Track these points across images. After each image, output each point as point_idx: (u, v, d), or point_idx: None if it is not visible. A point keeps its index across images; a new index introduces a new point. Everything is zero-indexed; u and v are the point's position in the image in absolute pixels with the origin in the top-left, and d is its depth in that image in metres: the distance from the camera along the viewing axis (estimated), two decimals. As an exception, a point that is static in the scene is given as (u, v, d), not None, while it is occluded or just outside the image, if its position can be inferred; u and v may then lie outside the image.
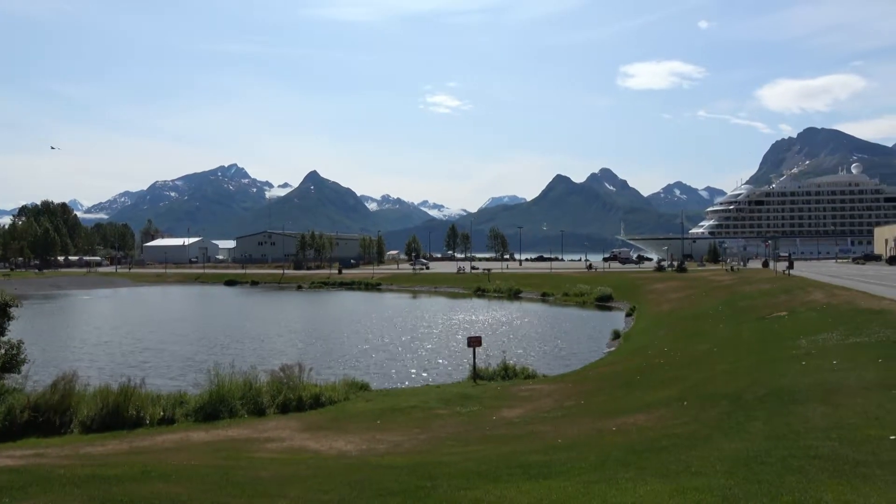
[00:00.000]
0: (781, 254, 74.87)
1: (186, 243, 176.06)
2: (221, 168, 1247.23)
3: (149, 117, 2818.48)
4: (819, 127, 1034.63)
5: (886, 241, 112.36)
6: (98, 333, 40.39)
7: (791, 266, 59.98)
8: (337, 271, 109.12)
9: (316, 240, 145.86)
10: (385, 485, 7.18)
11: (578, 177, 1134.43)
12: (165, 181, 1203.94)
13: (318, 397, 18.11)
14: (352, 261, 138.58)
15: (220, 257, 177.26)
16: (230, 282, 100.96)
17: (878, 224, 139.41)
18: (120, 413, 15.50)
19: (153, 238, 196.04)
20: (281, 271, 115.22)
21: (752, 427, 9.15)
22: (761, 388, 12.49)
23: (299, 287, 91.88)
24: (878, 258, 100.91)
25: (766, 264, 76.92)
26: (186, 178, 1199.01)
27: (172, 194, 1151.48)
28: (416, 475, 7.76)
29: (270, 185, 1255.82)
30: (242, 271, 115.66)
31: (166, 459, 10.32)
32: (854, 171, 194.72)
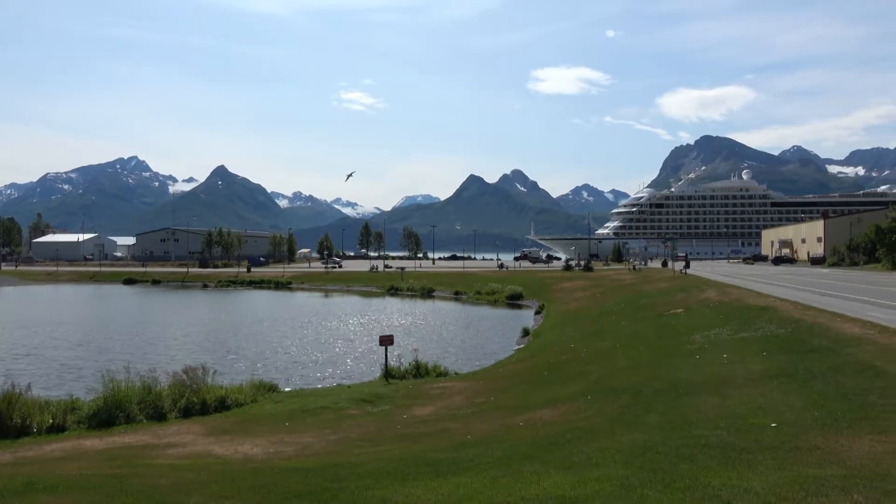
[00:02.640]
0: (679, 254, 79.05)
1: (81, 239, 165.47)
2: (120, 160, 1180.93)
3: (30, 102, 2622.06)
4: (714, 135, 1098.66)
5: (772, 242, 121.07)
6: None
7: (688, 266, 63.46)
8: (245, 270, 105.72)
9: (223, 237, 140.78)
10: (291, 488, 7.03)
11: (491, 177, 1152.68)
12: (58, 173, 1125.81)
13: (223, 400, 17.50)
14: (261, 259, 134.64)
15: (119, 255, 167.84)
16: (129, 280, 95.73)
17: (765, 227, 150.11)
18: (2, 421, 14.38)
19: (43, 233, 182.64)
20: (185, 270, 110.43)
21: (650, 419, 9.61)
22: (659, 381, 13.14)
23: (205, 286, 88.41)
24: (765, 258, 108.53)
25: (665, 264, 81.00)
26: (81, 171, 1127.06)
27: (66, 187, 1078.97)
28: (323, 477, 7.64)
29: (174, 180, 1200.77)
30: (143, 269, 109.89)
31: (55, 470, 9.67)
32: (745, 177, 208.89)
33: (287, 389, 21.21)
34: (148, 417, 16.13)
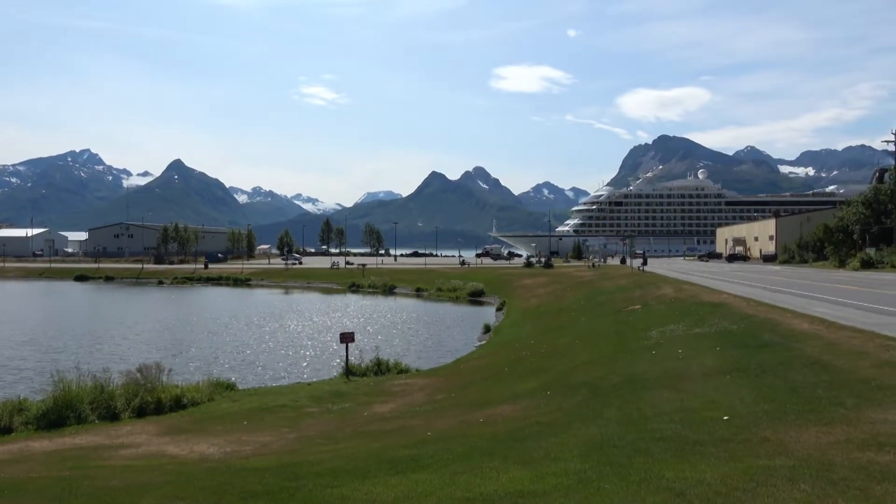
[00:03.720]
0: (637, 251, 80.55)
1: (30, 234, 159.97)
2: (72, 153, 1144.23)
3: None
4: (672, 135, 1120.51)
5: (726, 240, 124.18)
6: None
7: (645, 263, 64.70)
8: (203, 266, 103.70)
9: (180, 232, 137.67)
10: (248, 487, 6.92)
11: (453, 174, 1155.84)
12: (5, 165, 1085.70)
13: (179, 399, 17.14)
14: (219, 255, 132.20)
15: (70, 251, 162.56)
16: (81, 277, 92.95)
17: (719, 225, 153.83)
18: (-56, 424, 13.84)
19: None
20: (140, 266, 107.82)
21: (607, 413, 9.76)
22: (616, 376, 13.36)
23: (160, 283, 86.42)
24: (719, 256, 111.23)
25: (623, 261, 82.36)
26: (30, 164, 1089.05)
27: (13, 180, 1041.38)
28: (281, 476, 7.55)
29: (129, 174, 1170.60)
30: (95, 266, 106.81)
31: (0, 473, 9.34)
32: (700, 176, 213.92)
33: (245, 388, 20.90)
34: (100, 418, 15.70)
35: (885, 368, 10.10)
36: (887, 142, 58.41)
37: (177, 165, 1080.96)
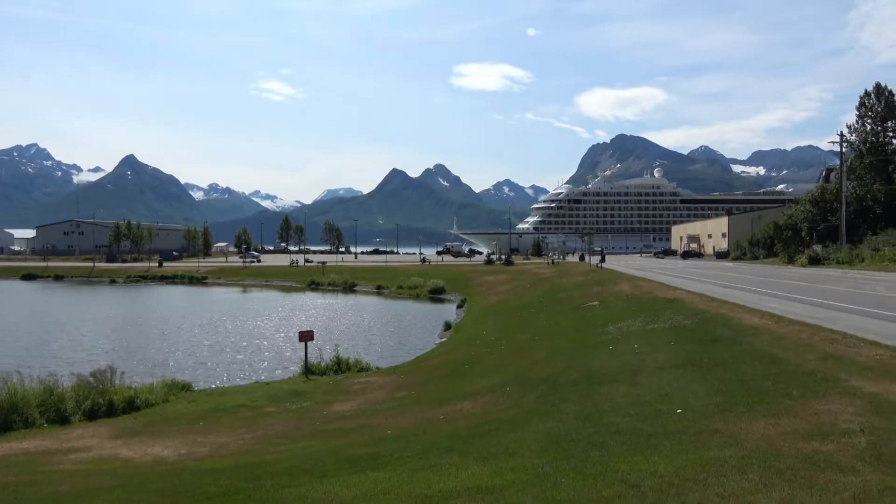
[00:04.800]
0: (595, 248, 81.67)
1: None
2: (18, 148, 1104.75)
3: None
4: (629, 134, 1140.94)
5: (681, 238, 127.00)
6: None
7: (603, 260, 65.71)
8: (157, 264, 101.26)
9: (133, 230, 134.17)
10: (203, 489, 6.80)
11: (414, 171, 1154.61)
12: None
13: (132, 401, 16.72)
14: (174, 253, 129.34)
15: (17, 248, 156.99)
16: (28, 276, 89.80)
17: (675, 223, 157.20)
18: None
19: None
20: (91, 264, 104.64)
21: (565, 408, 9.89)
22: (575, 372, 13.54)
23: (113, 281, 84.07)
24: (674, 253, 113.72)
25: (582, 258, 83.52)
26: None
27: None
28: (238, 477, 7.44)
29: (79, 169, 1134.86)
30: (44, 264, 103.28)
31: (-60, 480, 8.95)
32: (657, 175, 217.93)
33: (202, 388, 20.52)
34: (49, 421, 15.23)
35: (829, 361, 10.48)
36: (833, 142, 60.50)
37: (130, 161, 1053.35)
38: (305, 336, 22.46)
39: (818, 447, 6.24)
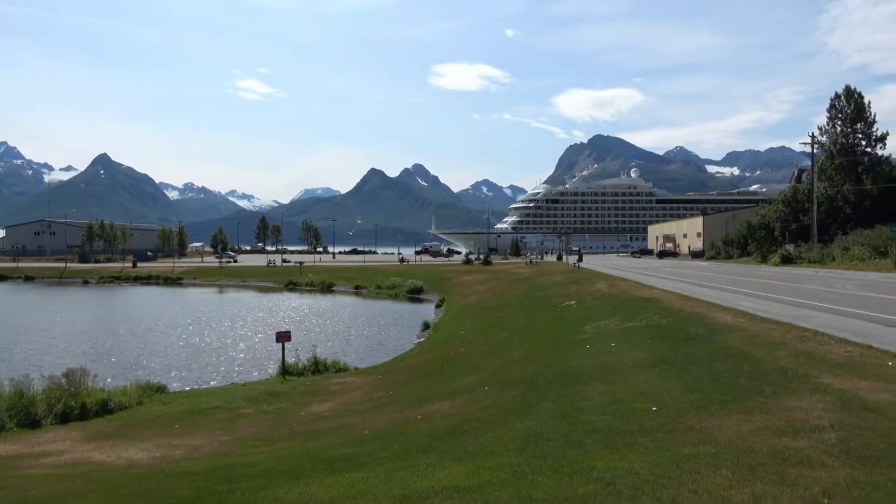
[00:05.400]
0: (573, 248, 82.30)
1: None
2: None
3: None
4: (606, 134, 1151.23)
5: (657, 237, 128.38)
6: None
7: (580, 259, 66.20)
8: (131, 265, 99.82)
9: (106, 230, 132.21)
10: (177, 493, 6.72)
11: (392, 171, 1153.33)
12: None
13: (105, 403, 16.47)
14: (149, 253, 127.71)
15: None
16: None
17: (651, 223, 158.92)
18: None
19: None
20: (63, 265, 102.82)
21: (542, 407, 9.94)
22: (552, 371, 13.61)
23: (86, 282, 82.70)
24: (650, 252, 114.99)
25: (560, 258, 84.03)
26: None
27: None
28: (213, 479, 7.36)
29: (50, 168, 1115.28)
30: (14, 265, 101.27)
31: None
32: (633, 175, 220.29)
33: (177, 390, 20.27)
34: (19, 425, 14.93)
35: (800, 358, 10.67)
36: (804, 144, 61.60)
37: (103, 160, 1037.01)
38: (283, 337, 22.30)
39: (789, 443, 6.35)
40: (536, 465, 6.33)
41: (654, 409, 8.50)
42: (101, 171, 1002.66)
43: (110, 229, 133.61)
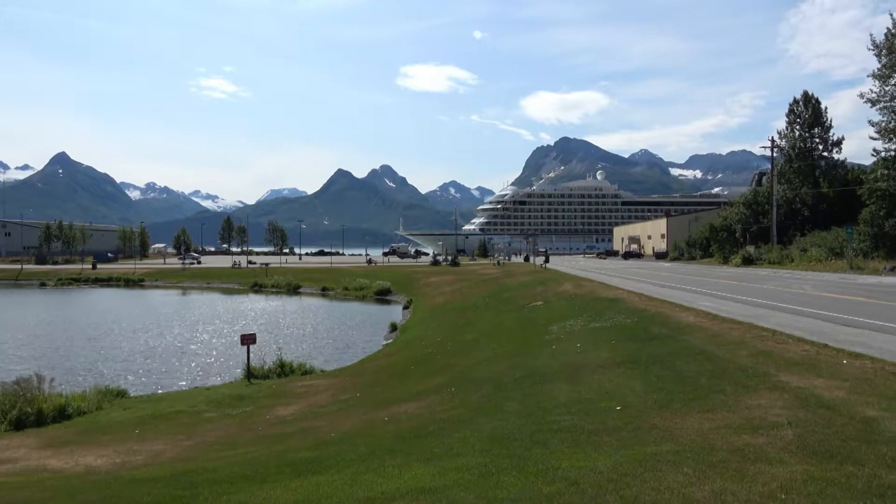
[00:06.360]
0: (540, 249, 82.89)
1: None
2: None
3: None
4: (572, 137, 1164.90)
5: (623, 239, 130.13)
6: None
7: (547, 260, 66.79)
8: (91, 266, 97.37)
9: (64, 230, 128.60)
10: (138, 499, 6.57)
11: (360, 172, 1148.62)
12: None
13: (63, 409, 16.03)
14: (109, 255, 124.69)
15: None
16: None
17: (616, 224, 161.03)
18: None
19: None
20: (19, 267, 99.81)
21: (509, 407, 9.98)
22: (519, 371, 13.69)
23: (43, 284, 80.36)
24: (616, 253, 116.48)
25: (527, 259, 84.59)
26: None
27: None
28: (174, 485, 7.21)
29: (5, 167, 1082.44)
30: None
31: None
32: (599, 177, 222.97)
33: (138, 395, 19.84)
34: (-29, 432, 14.43)
35: (760, 357, 10.92)
36: (765, 147, 63.04)
37: (61, 158, 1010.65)
38: (248, 339, 22.00)
39: (749, 440, 6.49)
40: (502, 465, 6.35)
41: (618, 408, 8.61)
42: (60, 171, 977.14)
43: (69, 230, 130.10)
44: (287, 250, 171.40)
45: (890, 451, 5.86)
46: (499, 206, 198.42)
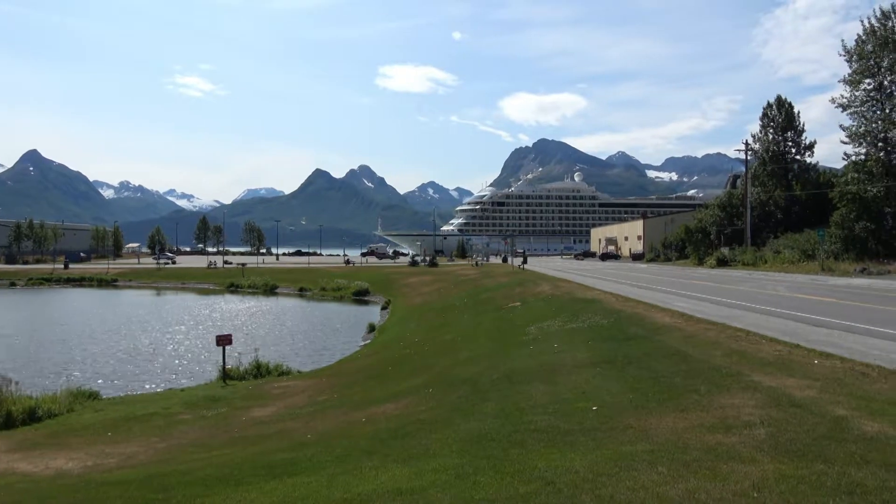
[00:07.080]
0: (518, 250, 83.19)
1: None
2: None
3: None
4: (550, 138, 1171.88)
5: (600, 240, 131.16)
6: None
7: (525, 261, 66.97)
8: (63, 266, 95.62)
9: (35, 230, 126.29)
10: (109, 503, 6.46)
11: (338, 172, 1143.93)
12: None
13: (32, 411, 15.70)
14: (82, 254, 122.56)
15: None
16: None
17: (594, 225, 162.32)
18: None
19: None
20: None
21: (486, 408, 10.00)
22: (496, 371, 13.72)
23: (13, 284, 78.68)
24: (593, 255, 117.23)
25: (505, 260, 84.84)
26: None
27: None
28: (147, 488, 7.11)
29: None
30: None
31: None
32: (577, 179, 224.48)
33: (111, 396, 19.51)
34: (-64, 436, 14.07)
35: (733, 357, 11.08)
36: (739, 150, 64.03)
37: (32, 156, 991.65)
38: (223, 340, 21.77)
39: (722, 439, 6.57)
40: (479, 466, 6.36)
41: (594, 408, 8.67)
42: (31, 168, 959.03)
43: (40, 229, 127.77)
44: (264, 250, 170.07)
45: (858, 450, 5.98)
46: (477, 206, 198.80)
